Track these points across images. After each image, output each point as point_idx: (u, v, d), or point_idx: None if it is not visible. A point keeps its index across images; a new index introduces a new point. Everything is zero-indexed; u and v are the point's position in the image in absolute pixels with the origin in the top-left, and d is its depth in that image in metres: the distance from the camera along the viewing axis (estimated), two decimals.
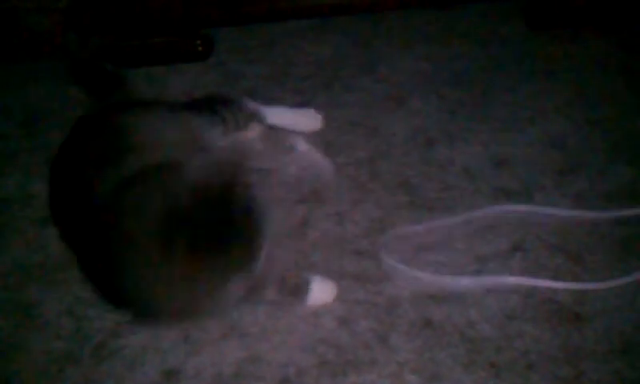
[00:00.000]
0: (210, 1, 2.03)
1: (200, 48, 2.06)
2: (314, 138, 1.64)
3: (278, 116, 1.68)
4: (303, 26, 2.14)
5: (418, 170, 1.58)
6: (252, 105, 1.63)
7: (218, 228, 1.16)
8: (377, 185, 1.55)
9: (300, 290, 1.30)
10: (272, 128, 1.63)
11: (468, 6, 2.15)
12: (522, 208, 1.45)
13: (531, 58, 1.93)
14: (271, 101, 1.71)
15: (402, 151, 1.64)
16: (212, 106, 1.55)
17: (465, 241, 1.41)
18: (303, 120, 1.71)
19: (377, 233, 1.43)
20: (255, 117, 1.61)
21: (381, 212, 1.48)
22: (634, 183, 1.50)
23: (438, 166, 1.59)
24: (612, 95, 1.76)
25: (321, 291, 1.31)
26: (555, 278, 1.31)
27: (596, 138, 1.63)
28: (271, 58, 2.04)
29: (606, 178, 1.51)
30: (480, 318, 1.26)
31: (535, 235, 1.40)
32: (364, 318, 1.28)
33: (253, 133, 1.60)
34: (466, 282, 1.33)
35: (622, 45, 1.93)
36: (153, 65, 2.03)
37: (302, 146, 1.52)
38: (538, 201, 1.47)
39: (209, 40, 2.09)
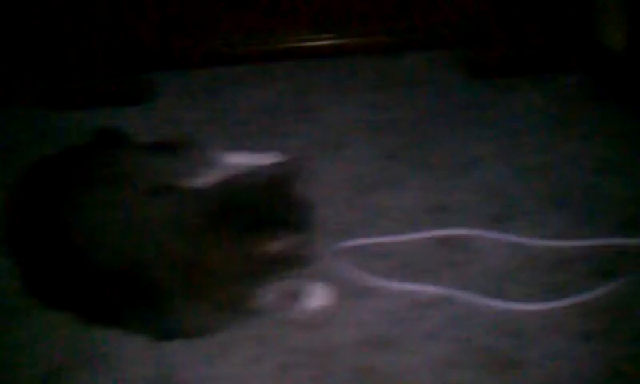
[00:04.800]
0: (148, 44, 2.01)
1: (137, 92, 2.03)
2: None
3: (240, 161, 1.65)
4: (245, 71, 2.13)
5: (357, 216, 1.57)
6: (211, 152, 1.63)
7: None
8: (316, 231, 1.53)
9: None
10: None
11: (410, 53, 2.18)
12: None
13: (471, 105, 1.95)
14: (209, 146, 1.68)
15: (341, 197, 1.63)
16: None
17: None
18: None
19: None
20: (212, 164, 1.60)
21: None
22: (571, 230, 1.52)
23: (377, 211, 1.59)
24: (549, 143, 1.79)
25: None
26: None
27: (533, 185, 1.65)
28: (211, 102, 2.02)
29: (543, 225, 1.53)
30: (420, 365, 1.24)
31: None
32: (302, 365, 1.25)
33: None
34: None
35: (558, 95, 1.98)
36: (90, 108, 2.00)
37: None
38: (474, 248, 1.48)
39: (147, 84, 2.07)
